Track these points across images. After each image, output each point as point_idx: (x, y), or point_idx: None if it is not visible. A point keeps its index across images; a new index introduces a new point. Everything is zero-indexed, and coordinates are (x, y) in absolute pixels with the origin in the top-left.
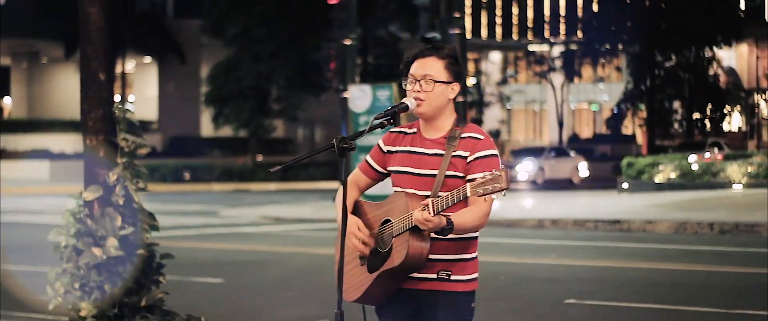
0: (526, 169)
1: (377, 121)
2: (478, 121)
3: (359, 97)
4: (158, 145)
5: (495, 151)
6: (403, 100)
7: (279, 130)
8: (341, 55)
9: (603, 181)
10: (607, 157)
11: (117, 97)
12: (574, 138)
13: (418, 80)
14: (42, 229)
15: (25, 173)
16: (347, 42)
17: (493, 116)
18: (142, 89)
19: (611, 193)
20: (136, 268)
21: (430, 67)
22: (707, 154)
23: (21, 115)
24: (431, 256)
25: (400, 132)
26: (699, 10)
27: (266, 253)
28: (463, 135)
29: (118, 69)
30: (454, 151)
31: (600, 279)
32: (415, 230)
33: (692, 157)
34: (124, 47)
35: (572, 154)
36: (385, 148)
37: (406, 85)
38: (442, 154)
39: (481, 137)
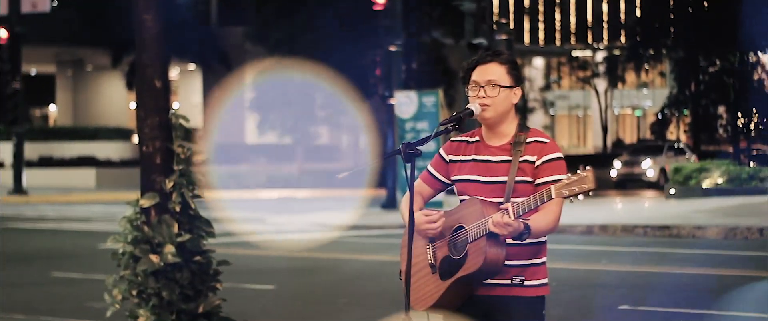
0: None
1: (443, 127)
2: (523, 128)
3: (405, 103)
4: (204, 152)
5: (561, 154)
6: (468, 105)
7: (324, 137)
8: (387, 61)
9: (649, 186)
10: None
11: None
12: (619, 143)
13: (483, 86)
14: (90, 236)
15: (71, 181)
16: (392, 48)
17: (536, 122)
18: (186, 97)
19: (658, 198)
20: (194, 275)
21: (493, 72)
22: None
23: (66, 123)
24: (506, 262)
25: (461, 141)
26: (743, 15)
27: (316, 259)
28: (528, 140)
29: None
30: (521, 157)
31: (652, 285)
32: (492, 236)
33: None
34: (169, 55)
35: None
36: (448, 158)
37: (468, 92)
38: (509, 161)
39: (547, 141)
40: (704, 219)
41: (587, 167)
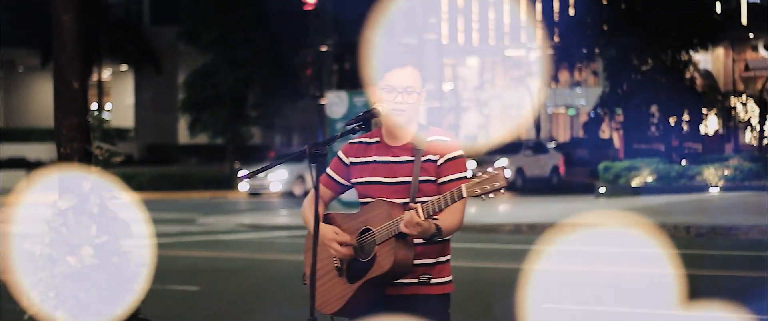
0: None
1: (349, 127)
2: (456, 127)
3: (336, 103)
4: (135, 153)
5: (462, 152)
6: (375, 106)
7: (256, 138)
8: (318, 61)
9: (580, 185)
10: (584, 162)
11: (93, 106)
12: (552, 142)
13: (400, 92)
14: (17, 238)
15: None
16: (324, 48)
17: (470, 121)
18: (119, 97)
19: (588, 197)
20: (112, 277)
21: (411, 77)
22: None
23: None
24: (414, 261)
25: (361, 142)
26: (675, 14)
27: (243, 260)
28: (429, 139)
29: (95, 77)
30: (423, 156)
31: (576, 283)
32: (401, 236)
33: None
34: (101, 55)
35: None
36: (348, 160)
37: (382, 92)
38: (411, 161)
39: (448, 139)
40: (632, 217)
41: (497, 165)
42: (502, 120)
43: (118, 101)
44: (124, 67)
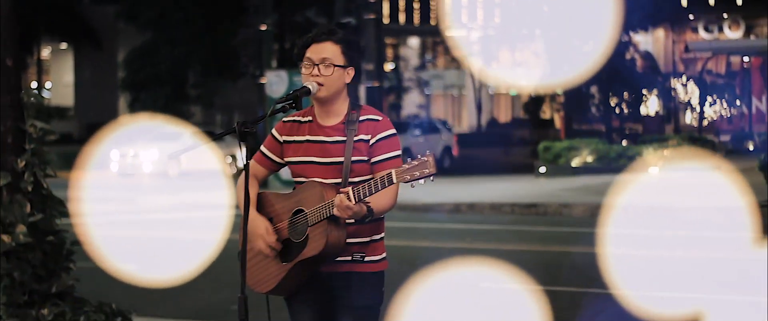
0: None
1: (279, 105)
2: (397, 107)
3: (276, 82)
4: (75, 131)
5: (394, 131)
6: (305, 83)
7: (197, 117)
8: (257, 40)
9: (521, 166)
10: (525, 142)
11: (33, 84)
12: (493, 122)
13: (317, 65)
14: None
15: None
16: (263, 27)
17: (412, 101)
18: (58, 76)
19: (528, 177)
20: (46, 255)
21: (327, 50)
22: None
23: None
24: (347, 240)
25: (294, 121)
26: None
27: (180, 240)
28: (361, 118)
29: (34, 56)
30: (355, 136)
31: (515, 263)
32: (333, 218)
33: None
34: (39, 34)
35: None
36: (281, 139)
37: (302, 69)
38: (343, 141)
39: (380, 118)
40: (571, 197)
41: (427, 152)
42: (444, 100)
43: (58, 80)
44: (63, 46)
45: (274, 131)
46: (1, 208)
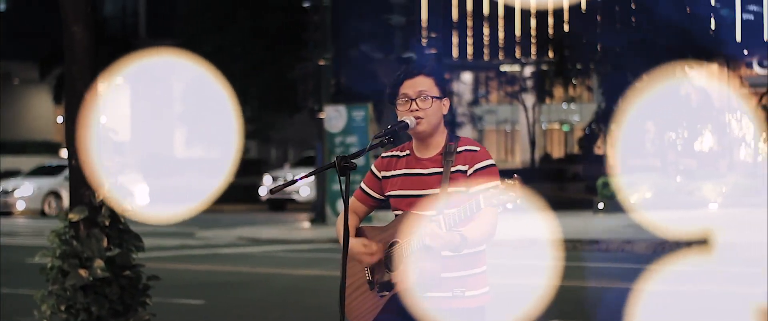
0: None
1: (377, 140)
2: None
3: (335, 117)
4: (131, 165)
5: (492, 161)
6: (403, 118)
7: (252, 151)
8: (316, 75)
9: (577, 201)
10: (580, 178)
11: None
12: (547, 157)
13: (414, 99)
14: (17, 251)
15: None
16: (322, 62)
17: (464, 136)
18: (115, 109)
19: (586, 213)
20: (123, 290)
21: (422, 84)
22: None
23: None
24: (445, 274)
25: (392, 156)
26: (669, 30)
27: (245, 274)
28: (458, 149)
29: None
30: (452, 167)
31: (581, 299)
32: (427, 249)
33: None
34: (97, 68)
35: None
36: (380, 175)
37: (397, 107)
38: (440, 172)
39: (477, 149)
40: (632, 233)
41: (514, 176)
42: (497, 135)
43: (114, 113)
44: (120, 80)
45: (373, 167)
46: (79, 243)
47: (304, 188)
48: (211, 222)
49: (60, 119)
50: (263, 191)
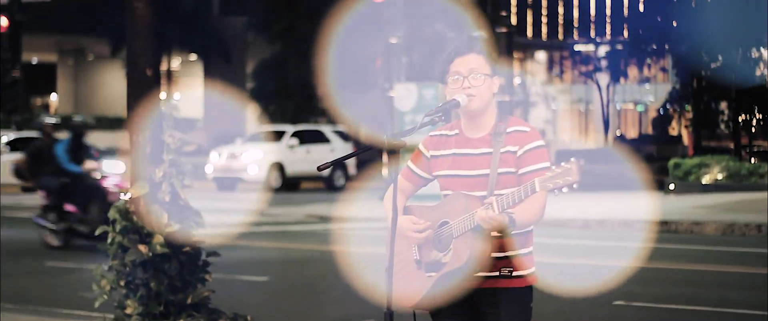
0: None
1: (428, 118)
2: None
3: (405, 95)
4: (204, 142)
5: (543, 142)
6: (454, 96)
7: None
8: (387, 53)
9: (649, 182)
10: (653, 158)
11: (163, 95)
12: (621, 138)
13: (466, 77)
14: None
15: None
16: (393, 40)
17: (538, 116)
18: (187, 87)
19: (657, 194)
20: (182, 266)
21: (474, 61)
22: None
23: (66, 112)
24: (493, 254)
25: (441, 135)
26: (746, 11)
27: (312, 251)
28: (508, 129)
29: (164, 67)
30: (502, 148)
31: (647, 280)
32: (477, 230)
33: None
34: (170, 45)
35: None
36: (429, 154)
37: (447, 84)
38: (490, 153)
39: (527, 129)
40: (702, 215)
41: (572, 159)
42: (571, 115)
43: (187, 91)
44: (193, 57)
45: (421, 146)
46: (139, 218)
47: (252, 166)
48: (281, 199)
49: None
50: (209, 169)
